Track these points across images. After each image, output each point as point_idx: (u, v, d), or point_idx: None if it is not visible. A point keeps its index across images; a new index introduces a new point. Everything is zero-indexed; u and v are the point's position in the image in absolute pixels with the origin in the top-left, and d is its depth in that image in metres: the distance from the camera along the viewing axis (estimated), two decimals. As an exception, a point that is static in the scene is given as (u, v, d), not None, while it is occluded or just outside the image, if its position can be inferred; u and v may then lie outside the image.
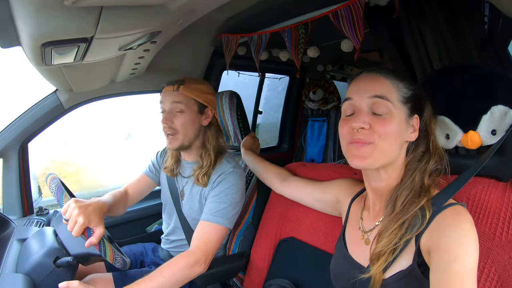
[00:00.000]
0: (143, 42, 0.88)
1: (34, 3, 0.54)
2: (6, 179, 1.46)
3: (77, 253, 1.04)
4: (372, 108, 0.80)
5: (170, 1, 0.65)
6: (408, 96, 0.82)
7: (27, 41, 0.66)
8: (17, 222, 1.33)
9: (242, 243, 1.46)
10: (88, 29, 0.63)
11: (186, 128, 1.30)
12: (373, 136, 0.78)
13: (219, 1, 0.86)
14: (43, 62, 0.79)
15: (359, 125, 0.79)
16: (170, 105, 1.29)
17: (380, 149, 0.79)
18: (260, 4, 1.27)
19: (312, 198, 1.20)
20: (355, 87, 0.85)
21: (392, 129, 0.79)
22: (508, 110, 0.86)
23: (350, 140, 0.81)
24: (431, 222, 0.74)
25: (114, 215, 1.38)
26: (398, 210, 0.79)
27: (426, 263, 0.74)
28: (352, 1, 1.15)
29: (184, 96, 1.29)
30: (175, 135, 1.30)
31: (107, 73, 1.34)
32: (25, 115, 1.42)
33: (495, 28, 1.37)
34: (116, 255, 1.03)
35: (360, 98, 0.82)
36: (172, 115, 1.29)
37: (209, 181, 1.31)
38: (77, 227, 1.02)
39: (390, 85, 0.81)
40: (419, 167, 0.82)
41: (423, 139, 0.85)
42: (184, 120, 1.29)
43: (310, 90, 2.85)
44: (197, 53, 1.71)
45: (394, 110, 0.79)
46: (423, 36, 1.17)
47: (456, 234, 0.69)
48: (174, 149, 1.33)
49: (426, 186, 0.81)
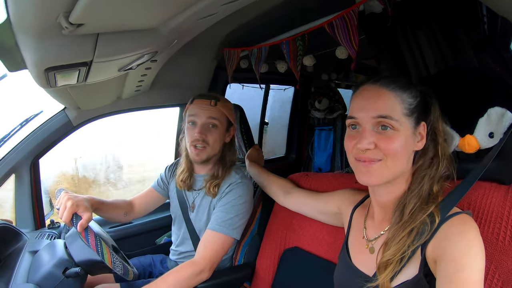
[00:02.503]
0: (142, 62, 0.92)
1: (35, 32, 0.58)
2: (19, 194, 1.52)
3: (81, 259, 1.07)
4: (377, 126, 0.78)
5: (161, 24, 0.69)
6: (413, 107, 0.79)
7: (31, 67, 0.71)
8: (29, 235, 1.37)
9: (248, 253, 1.46)
10: (86, 54, 0.68)
11: (216, 142, 1.35)
12: (380, 154, 0.77)
13: (211, 22, 0.90)
14: (48, 85, 0.84)
15: (364, 146, 0.77)
16: (206, 119, 1.33)
17: (387, 166, 0.78)
18: (257, 18, 1.31)
19: (315, 210, 1.21)
20: (358, 104, 0.82)
21: (399, 145, 0.77)
22: (505, 112, 0.86)
23: (356, 156, 0.80)
24: (437, 231, 0.73)
25: (111, 218, 1.42)
26: (407, 218, 0.78)
27: (432, 273, 0.73)
28: (346, 11, 1.16)
29: (221, 113, 1.34)
30: (205, 148, 1.33)
31: (112, 91, 1.40)
32: (35, 132, 1.49)
33: (495, 27, 1.35)
34: (114, 258, 1.05)
35: (363, 118, 0.79)
36: (206, 129, 1.33)
37: (219, 191, 1.34)
38: (66, 212, 1.06)
39: (394, 99, 0.78)
40: (428, 174, 0.81)
41: (431, 144, 0.83)
42: (217, 135, 1.34)
43: (315, 99, 2.85)
44: (201, 68, 1.76)
45: (399, 127, 0.77)
46: (418, 41, 1.16)
47: (463, 243, 0.68)
48: (201, 160, 1.36)
49: (435, 192, 0.80)
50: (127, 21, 0.61)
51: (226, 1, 0.70)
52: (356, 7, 1.15)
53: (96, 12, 0.53)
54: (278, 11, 1.26)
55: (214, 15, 0.80)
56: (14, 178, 1.52)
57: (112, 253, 1.06)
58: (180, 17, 0.67)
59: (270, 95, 2.85)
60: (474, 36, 1.14)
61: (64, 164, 2.67)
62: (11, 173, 1.48)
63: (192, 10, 0.65)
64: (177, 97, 1.82)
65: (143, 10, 0.58)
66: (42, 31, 0.58)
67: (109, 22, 0.59)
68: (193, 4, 0.63)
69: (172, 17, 0.67)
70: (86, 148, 2.80)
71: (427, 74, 1.14)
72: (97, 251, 1.03)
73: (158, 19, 0.66)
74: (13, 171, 1.49)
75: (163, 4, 0.59)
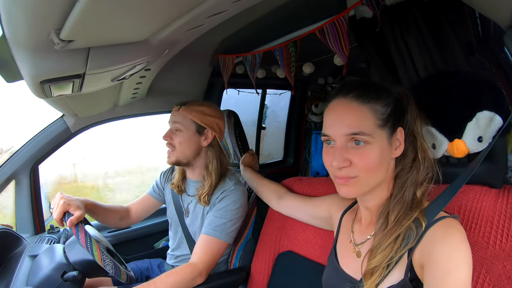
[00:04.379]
0: (135, 72, 0.94)
1: (28, 47, 0.61)
2: (19, 199, 1.56)
3: (75, 260, 1.11)
4: (350, 141, 0.77)
5: (150, 36, 0.71)
6: (386, 116, 0.78)
7: (27, 79, 0.74)
8: (29, 240, 1.40)
9: (243, 257, 1.48)
10: (79, 67, 0.70)
11: (183, 145, 1.37)
12: (354, 170, 0.76)
13: (199, 32, 0.92)
14: (44, 95, 0.86)
15: (339, 165, 0.76)
16: (172, 124, 1.39)
17: (364, 180, 0.78)
18: (251, 25, 1.33)
19: (307, 215, 1.22)
20: (329, 120, 0.81)
21: (374, 159, 0.76)
22: (493, 116, 0.85)
23: (333, 173, 0.80)
24: (423, 236, 0.73)
25: (106, 222, 1.45)
26: (392, 225, 0.77)
27: (418, 278, 0.73)
28: (336, 17, 1.18)
29: (183, 116, 1.37)
30: (172, 151, 1.38)
31: (109, 99, 1.42)
32: (34, 139, 1.52)
33: (488, 29, 1.35)
34: (104, 256, 1.07)
35: (335, 135, 0.78)
36: (171, 132, 1.38)
37: (211, 199, 1.37)
38: (57, 210, 1.12)
39: (366, 111, 0.77)
40: (410, 179, 0.80)
41: (410, 147, 0.82)
42: (182, 138, 1.37)
43: (312, 103, 2.87)
44: (196, 74, 1.78)
45: (373, 140, 0.76)
46: (408, 46, 1.16)
47: (448, 247, 0.68)
48: (170, 163, 1.41)
49: (418, 197, 0.79)
50: (116, 36, 0.64)
51: (211, 13, 0.72)
52: (346, 12, 1.16)
53: (85, 29, 0.55)
54: (270, 18, 1.28)
55: (202, 27, 0.82)
56: (14, 184, 1.55)
57: (102, 251, 1.08)
58: (168, 29, 0.69)
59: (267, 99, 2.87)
60: (465, 39, 1.12)
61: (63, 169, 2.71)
62: (11, 179, 1.52)
63: (178, 23, 0.66)
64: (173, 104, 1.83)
65: (129, 26, 0.60)
66: (36, 46, 0.60)
67: (98, 37, 0.61)
68: (178, 17, 0.65)
69: (160, 30, 0.69)
70: (85, 153, 2.83)
71: (417, 77, 1.15)
72: (87, 247, 1.06)
73: (146, 32, 0.68)
74: (13, 177, 1.52)
75: (148, 19, 0.61)
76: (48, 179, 2.20)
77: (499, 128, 0.85)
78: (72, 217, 1.11)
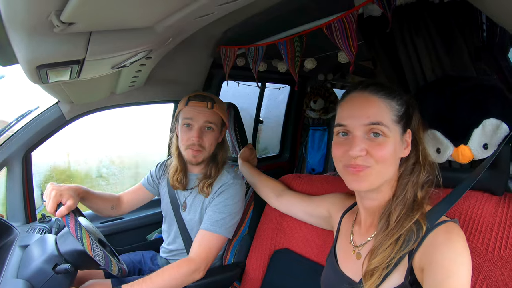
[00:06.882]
0: (136, 60, 0.90)
1: (25, 29, 0.57)
2: (10, 187, 1.51)
3: (66, 250, 1.07)
4: (368, 133, 0.79)
5: (156, 23, 0.67)
6: (401, 114, 0.81)
7: (23, 64, 0.70)
8: (20, 229, 1.36)
9: (238, 253, 1.47)
10: (78, 52, 0.67)
11: (212, 145, 1.35)
12: (370, 160, 0.78)
13: (207, 21, 0.89)
14: (40, 81, 0.82)
15: (356, 153, 0.77)
16: (203, 123, 1.32)
17: (377, 172, 0.78)
18: (255, 17, 1.30)
19: (305, 213, 1.21)
20: (347, 111, 0.82)
21: (389, 152, 0.78)
22: (500, 124, 0.86)
23: (346, 163, 0.80)
24: (424, 239, 0.74)
25: (98, 210, 1.41)
26: (393, 226, 0.78)
27: (418, 281, 0.73)
28: (345, 14, 1.15)
29: (217, 116, 1.34)
30: (201, 151, 1.33)
31: (106, 86, 1.38)
32: (28, 126, 1.47)
33: (493, 35, 1.35)
34: (94, 246, 1.05)
35: (354, 125, 0.79)
36: (202, 132, 1.32)
37: (211, 191, 1.35)
38: (50, 202, 1.08)
39: (384, 106, 0.79)
40: (411, 181, 0.82)
41: (413, 150, 0.84)
42: (213, 137, 1.34)
43: (310, 99, 2.85)
44: (196, 64, 1.74)
45: (389, 133, 0.78)
46: (416, 47, 1.15)
47: (450, 251, 0.69)
48: (197, 162, 1.36)
49: (419, 199, 0.81)
50: (121, 20, 0.60)
51: (223, 1, 0.69)
52: (355, 10, 1.14)
53: (88, 11, 0.52)
54: (276, 10, 1.25)
55: (211, 15, 0.79)
56: (6, 171, 1.50)
57: (93, 241, 1.06)
58: (176, 16, 0.65)
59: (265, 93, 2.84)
60: (472, 44, 1.13)
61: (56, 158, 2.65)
62: (3, 166, 1.47)
63: (189, 9, 0.63)
64: (171, 94, 1.81)
65: (137, 9, 0.56)
66: (33, 28, 0.57)
67: (101, 21, 0.58)
68: (190, 3, 0.61)
69: (168, 16, 0.66)
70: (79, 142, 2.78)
71: (423, 80, 1.14)
72: (76, 236, 1.03)
73: (154, 18, 0.65)
74: (5, 164, 1.47)
75: (159, 3, 0.58)
76: (41, 166, 2.16)
77: (505, 136, 0.85)
78: (62, 207, 1.08)
